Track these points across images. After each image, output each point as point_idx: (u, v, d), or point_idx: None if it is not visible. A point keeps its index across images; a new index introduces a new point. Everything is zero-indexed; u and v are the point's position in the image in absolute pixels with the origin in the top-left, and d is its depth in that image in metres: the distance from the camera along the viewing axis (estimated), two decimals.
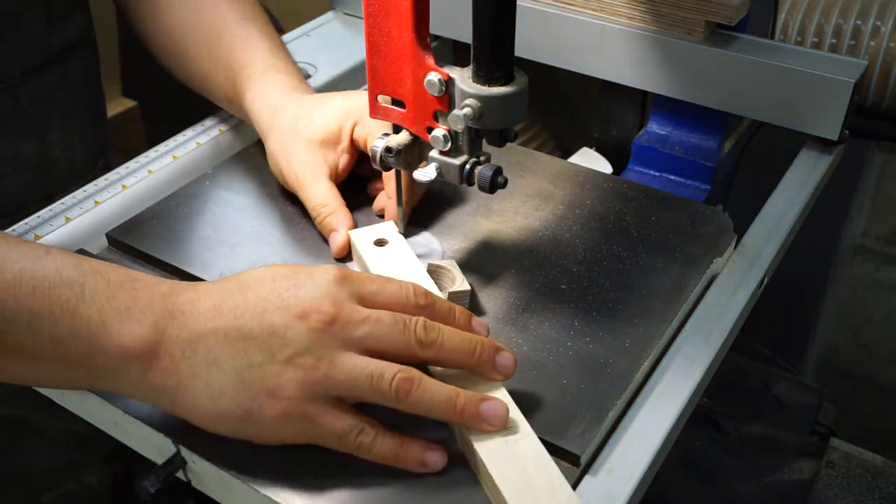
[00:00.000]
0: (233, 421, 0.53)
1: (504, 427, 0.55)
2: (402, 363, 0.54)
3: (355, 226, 0.71)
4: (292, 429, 0.53)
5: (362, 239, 0.69)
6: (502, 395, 0.57)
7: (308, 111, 0.74)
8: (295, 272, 0.55)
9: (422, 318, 0.55)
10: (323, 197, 0.71)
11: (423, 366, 0.57)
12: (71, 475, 0.94)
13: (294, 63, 0.82)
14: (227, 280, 0.56)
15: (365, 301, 0.55)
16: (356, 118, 0.73)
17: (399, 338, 0.54)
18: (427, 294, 0.57)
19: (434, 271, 0.67)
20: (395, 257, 0.67)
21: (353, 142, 0.73)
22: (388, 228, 0.70)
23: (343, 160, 0.73)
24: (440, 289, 0.67)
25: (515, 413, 0.56)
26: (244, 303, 0.54)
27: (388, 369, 0.53)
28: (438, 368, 0.58)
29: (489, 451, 0.54)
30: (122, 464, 0.97)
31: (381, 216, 0.74)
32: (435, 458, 0.54)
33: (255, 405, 0.52)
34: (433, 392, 0.54)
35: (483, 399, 0.55)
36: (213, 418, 0.54)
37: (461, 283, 0.65)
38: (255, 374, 0.52)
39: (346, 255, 0.70)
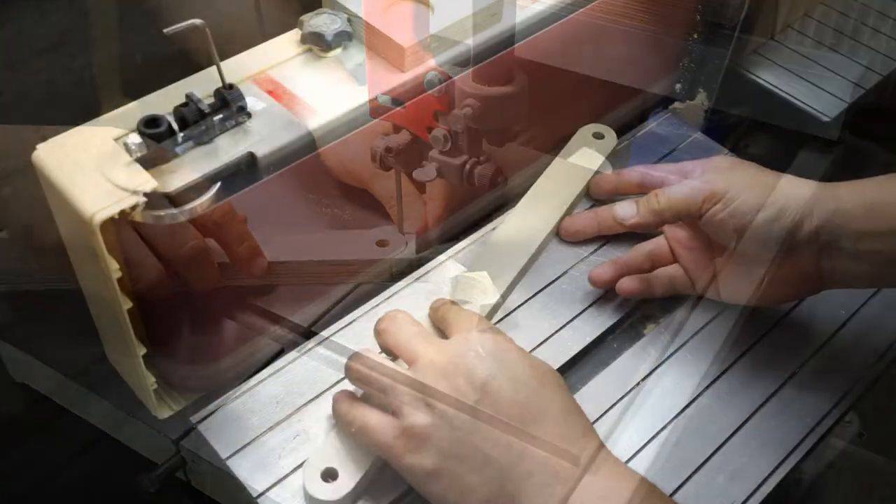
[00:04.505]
0: None
1: None
2: None
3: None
4: None
5: None
6: None
7: None
8: None
9: None
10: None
11: None
12: (63, 467, 0.94)
13: None
14: None
15: None
16: None
17: None
18: None
19: (465, 282, 0.64)
20: None
21: None
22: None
23: None
24: (469, 299, 0.63)
25: None
26: None
27: None
28: None
29: None
30: (113, 457, 0.97)
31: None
32: None
33: None
34: None
35: None
36: None
37: (493, 294, 0.63)
38: None
39: None
